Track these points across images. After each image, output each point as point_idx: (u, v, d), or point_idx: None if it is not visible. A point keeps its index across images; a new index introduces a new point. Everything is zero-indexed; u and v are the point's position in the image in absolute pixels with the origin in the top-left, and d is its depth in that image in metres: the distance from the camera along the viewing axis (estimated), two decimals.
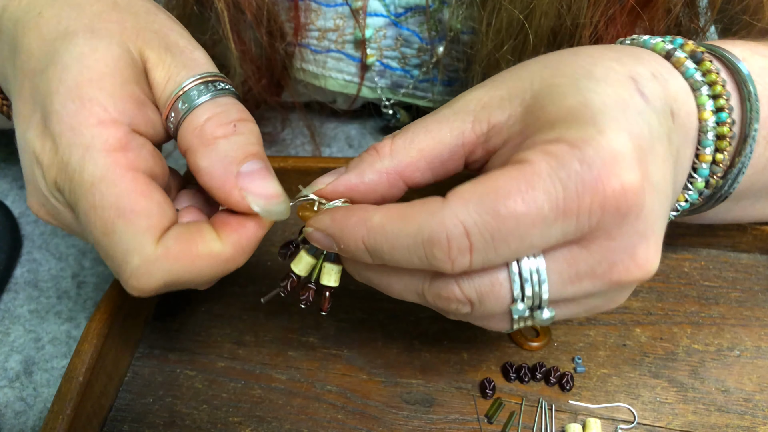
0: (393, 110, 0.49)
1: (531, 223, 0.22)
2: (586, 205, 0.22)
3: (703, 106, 0.27)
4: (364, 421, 0.34)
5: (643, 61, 0.27)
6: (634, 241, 0.23)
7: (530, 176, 0.22)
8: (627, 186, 0.22)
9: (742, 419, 0.34)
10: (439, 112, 0.27)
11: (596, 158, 0.22)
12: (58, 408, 0.31)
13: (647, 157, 0.23)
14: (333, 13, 0.44)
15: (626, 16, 0.36)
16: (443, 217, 0.23)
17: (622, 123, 0.23)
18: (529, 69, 0.27)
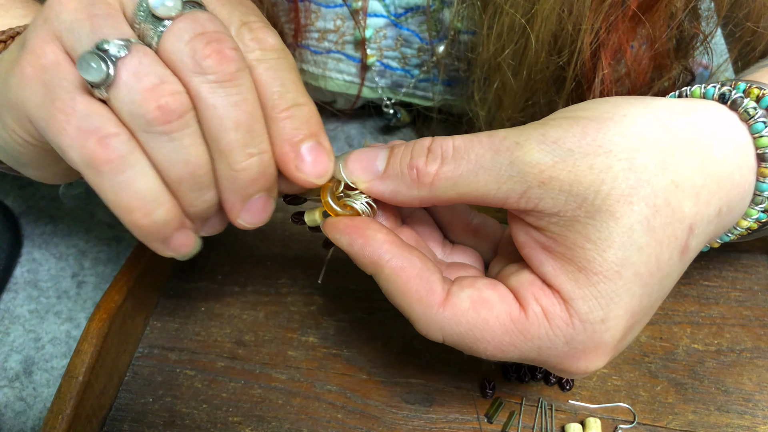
0: (394, 110, 0.49)
1: (497, 359, 0.26)
2: (548, 365, 0.26)
3: (748, 218, 0.27)
4: (364, 420, 0.34)
5: (724, 189, 0.25)
6: (572, 372, 0.26)
7: (518, 334, 0.25)
8: (590, 368, 0.25)
9: (742, 419, 0.34)
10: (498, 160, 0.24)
11: (580, 345, 0.24)
12: (58, 408, 0.31)
13: (634, 329, 0.26)
14: (332, 14, 0.44)
15: (628, 22, 0.36)
16: (432, 323, 0.26)
17: (634, 303, 0.24)
18: (609, 161, 0.23)
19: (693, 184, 0.24)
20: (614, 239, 0.23)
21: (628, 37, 0.36)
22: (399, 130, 0.53)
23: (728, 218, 0.27)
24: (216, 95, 0.24)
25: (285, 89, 0.26)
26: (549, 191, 0.24)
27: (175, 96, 0.24)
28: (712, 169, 0.25)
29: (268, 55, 0.26)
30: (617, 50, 0.37)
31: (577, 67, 0.37)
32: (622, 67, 0.38)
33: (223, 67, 0.24)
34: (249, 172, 0.25)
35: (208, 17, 0.25)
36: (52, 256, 0.46)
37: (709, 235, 0.26)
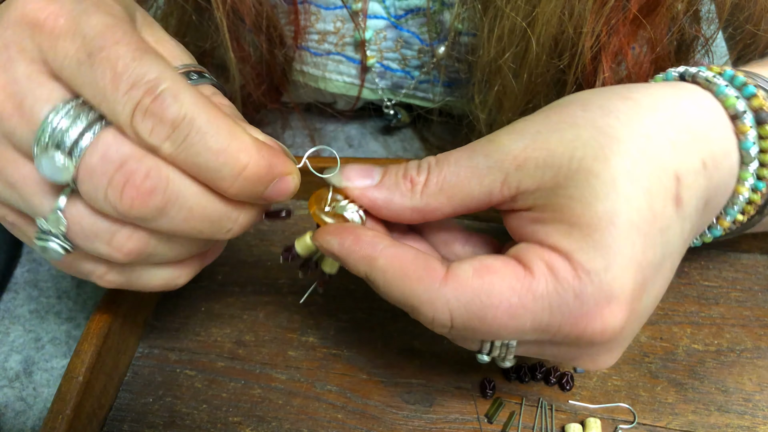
0: (394, 110, 0.50)
1: (509, 332, 0.25)
2: (564, 331, 0.24)
3: (744, 180, 0.27)
4: (364, 420, 0.34)
5: (701, 141, 0.25)
6: (600, 352, 0.26)
7: (525, 293, 0.24)
8: (608, 329, 0.24)
9: (742, 419, 0.34)
10: (474, 158, 0.26)
11: (591, 297, 0.23)
12: (58, 408, 0.31)
13: (645, 288, 0.24)
14: (332, 15, 0.44)
15: (629, 25, 0.36)
16: (436, 299, 0.25)
17: (636, 254, 0.23)
18: (578, 132, 0.25)
19: (665, 136, 0.25)
20: (598, 193, 0.23)
21: (629, 40, 0.36)
22: (399, 131, 0.53)
23: (719, 175, 0.26)
24: (162, 226, 0.25)
25: (216, 171, 0.24)
26: (526, 171, 0.25)
27: (131, 240, 0.25)
28: (680, 121, 0.25)
29: (175, 142, 0.23)
30: (618, 53, 0.37)
31: (578, 71, 0.37)
32: (622, 69, 0.38)
33: (150, 205, 0.24)
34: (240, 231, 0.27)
35: (101, 156, 0.23)
36: None
37: (702, 188, 0.25)
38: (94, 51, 0.23)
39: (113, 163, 0.23)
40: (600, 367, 0.27)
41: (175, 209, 0.24)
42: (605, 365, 0.27)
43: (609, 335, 0.24)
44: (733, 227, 0.29)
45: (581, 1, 0.34)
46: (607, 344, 0.25)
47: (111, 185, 0.23)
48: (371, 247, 0.26)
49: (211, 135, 0.23)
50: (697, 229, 0.27)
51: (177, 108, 0.23)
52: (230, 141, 0.24)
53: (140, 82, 0.23)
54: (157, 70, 0.23)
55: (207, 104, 0.24)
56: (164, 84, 0.23)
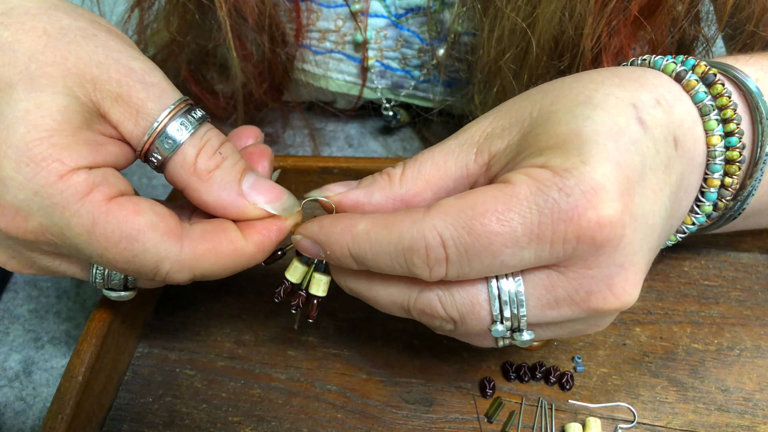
0: (393, 111, 0.49)
1: (503, 243, 0.23)
2: (560, 233, 0.23)
3: (711, 131, 0.27)
4: (363, 420, 0.34)
5: (648, 85, 0.27)
6: (612, 272, 0.24)
7: (509, 198, 0.23)
8: (604, 219, 0.23)
9: (742, 418, 0.34)
10: (446, 143, 0.28)
11: (575, 188, 0.23)
12: (58, 407, 0.31)
13: (633, 188, 0.24)
14: (333, 14, 0.44)
15: (630, 26, 0.36)
16: (423, 227, 0.24)
17: (610, 153, 0.24)
18: (532, 97, 0.27)
19: (611, 80, 0.27)
20: (560, 120, 0.25)
21: (629, 41, 0.36)
22: (399, 131, 0.53)
23: (678, 114, 0.27)
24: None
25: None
26: (494, 137, 0.27)
27: None
28: (623, 73, 0.27)
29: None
30: (619, 54, 0.37)
31: (579, 71, 0.37)
32: None
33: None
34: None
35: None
36: None
37: (664, 120, 0.26)
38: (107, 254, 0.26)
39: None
40: (620, 296, 0.24)
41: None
42: (625, 293, 0.24)
43: (607, 228, 0.23)
44: (726, 193, 0.28)
45: (582, 2, 0.34)
46: (612, 251, 0.24)
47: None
48: (349, 218, 0.26)
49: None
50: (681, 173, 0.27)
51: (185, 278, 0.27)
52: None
53: (135, 265, 0.27)
54: (156, 253, 0.26)
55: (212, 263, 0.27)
56: (164, 268, 0.27)
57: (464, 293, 0.26)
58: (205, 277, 0.28)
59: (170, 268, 0.26)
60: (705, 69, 0.28)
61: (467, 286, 0.26)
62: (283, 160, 0.42)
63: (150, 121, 0.26)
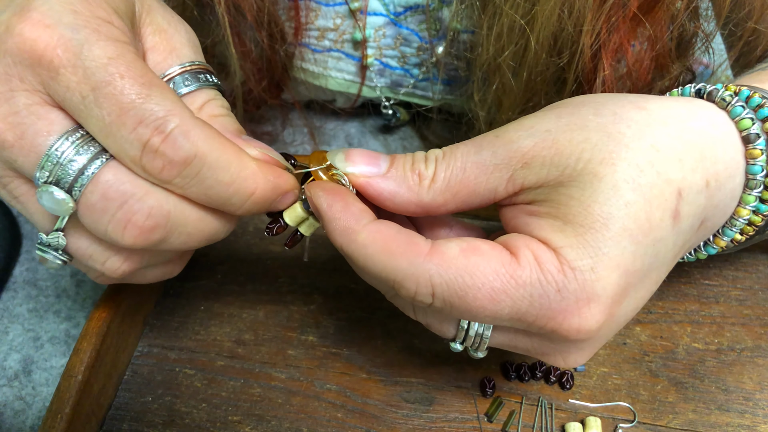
0: (393, 110, 0.49)
1: (486, 315, 0.24)
2: (540, 324, 0.24)
3: (746, 204, 0.27)
4: (363, 419, 0.34)
5: (708, 160, 0.25)
6: (571, 350, 0.26)
7: (508, 278, 0.24)
8: (584, 327, 0.24)
9: (743, 418, 0.34)
10: (482, 154, 0.26)
11: (573, 295, 0.23)
12: (57, 407, 0.31)
13: (628, 293, 0.25)
14: (332, 12, 0.44)
15: (629, 23, 0.36)
16: (419, 272, 0.24)
17: (626, 258, 0.23)
18: (587, 135, 0.25)
19: (674, 150, 0.25)
20: (598, 195, 0.23)
21: (629, 37, 0.36)
22: (399, 130, 0.53)
23: (720, 196, 0.26)
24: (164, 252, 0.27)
25: (226, 198, 0.25)
26: (532, 169, 0.25)
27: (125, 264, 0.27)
28: (690, 138, 0.25)
29: (186, 178, 0.24)
30: (618, 51, 0.37)
31: (578, 68, 0.37)
32: (622, 67, 0.38)
33: (152, 239, 0.25)
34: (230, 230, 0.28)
35: (102, 195, 0.23)
36: None
37: (701, 207, 0.25)
38: (99, 86, 0.22)
39: (114, 201, 0.24)
40: (569, 365, 0.27)
41: (175, 236, 0.25)
42: (574, 364, 0.27)
43: (584, 334, 0.24)
44: (730, 245, 0.29)
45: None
46: (580, 343, 0.25)
47: (112, 222, 0.24)
48: (355, 220, 0.25)
49: (221, 169, 0.24)
50: (690, 245, 0.27)
51: (188, 147, 0.23)
52: (239, 171, 0.25)
53: (148, 120, 0.23)
54: (165, 107, 0.23)
55: (215, 137, 0.24)
56: (173, 122, 0.23)
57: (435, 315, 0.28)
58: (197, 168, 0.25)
59: (179, 124, 0.24)
60: None
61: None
62: None
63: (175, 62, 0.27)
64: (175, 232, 0.25)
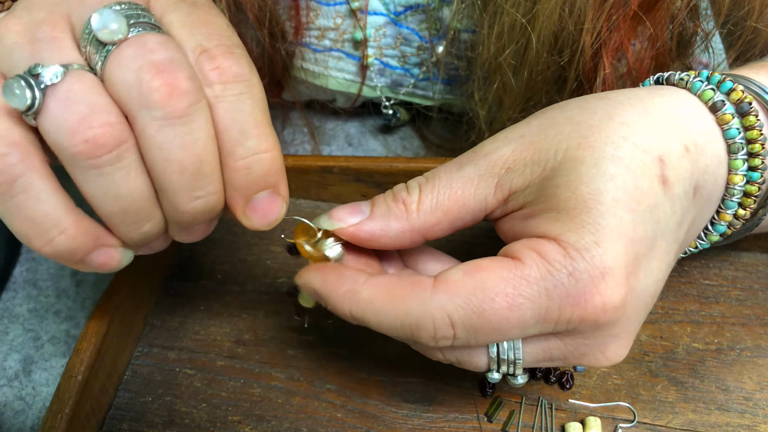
0: (393, 110, 0.49)
1: (512, 326, 0.24)
2: (566, 315, 0.24)
3: (735, 170, 0.27)
4: (363, 419, 0.34)
5: (680, 128, 0.26)
6: (606, 341, 0.25)
7: (519, 280, 0.24)
8: (608, 304, 0.23)
9: (743, 418, 0.34)
10: (464, 169, 0.27)
11: (585, 273, 0.23)
12: (57, 407, 0.31)
13: (640, 263, 0.24)
14: (333, 12, 0.44)
15: (630, 21, 0.36)
16: (431, 307, 0.24)
17: (626, 228, 0.23)
18: (558, 129, 0.26)
19: (644, 124, 0.25)
20: (583, 176, 0.24)
21: (629, 36, 0.36)
22: (399, 130, 0.53)
23: (704, 160, 0.26)
24: (162, 134, 0.22)
25: (245, 135, 0.24)
26: (516, 171, 0.26)
27: (105, 128, 0.22)
28: (657, 112, 0.26)
29: (229, 90, 0.24)
30: (619, 49, 0.37)
31: (579, 67, 0.37)
32: (623, 66, 0.38)
33: (174, 101, 0.22)
34: (192, 213, 0.25)
35: (160, 41, 0.23)
36: None
37: (688, 172, 0.25)
38: (199, 3, 0.25)
39: (168, 51, 0.23)
40: (611, 359, 0.26)
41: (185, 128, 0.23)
42: (616, 356, 0.26)
43: (610, 312, 0.24)
44: (736, 223, 0.29)
45: None
46: (611, 327, 0.24)
47: (153, 62, 0.22)
48: (353, 281, 0.26)
49: (260, 107, 0.25)
50: (694, 217, 0.27)
51: (248, 69, 0.24)
52: (268, 126, 0.25)
53: (226, 38, 0.25)
54: (240, 42, 0.25)
55: (264, 90, 0.25)
56: (244, 51, 0.25)
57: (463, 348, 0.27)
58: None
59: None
60: (741, 96, 0.27)
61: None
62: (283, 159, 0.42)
63: None
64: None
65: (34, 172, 0.23)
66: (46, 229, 0.24)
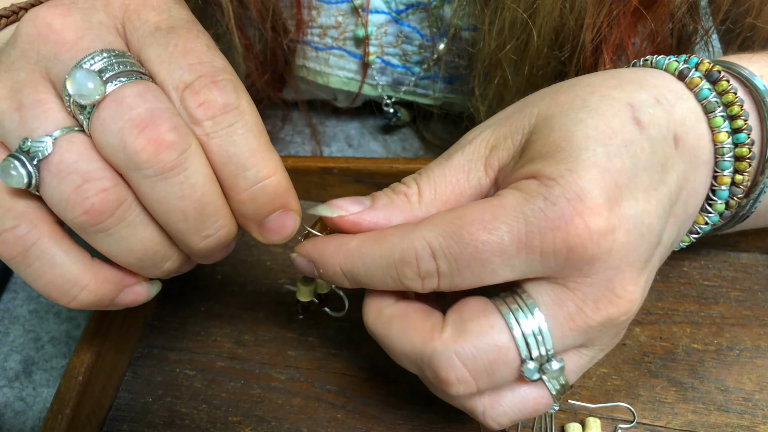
0: (394, 109, 0.49)
1: (492, 252, 0.23)
2: (549, 242, 0.23)
3: (718, 128, 0.27)
4: (363, 420, 0.34)
5: (648, 85, 0.27)
6: (609, 276, 0.24)
7: (495, 208, 0.24)
8: (592, 226, 0.23)
9: (742, 418, 0.34)
10: (454, 158, 0.27)
11: (561, 196, 0.23)
12: (58, 408, 0.31)
13: (621, 192, 0.24)
14: (334, 9, 0.44)
15: (630, 17, 0.36)
16: (413, 238, 0.24)
17: (599, 158, 0.23)
18: (529, 102, 0.27)
19: (609, 83, 0.26)
20: (554, 124, 0.25)
21: (630, 32, 0.36)
22: (399, 131, 0.53)
23: (679, 111, 0.26)
24: (158, 190, 0.23)
25: (243, 167, 0.24)
26: (499, 147, 0.27)
27: (102, 195, 0.23)
28: (622, 75, 0.27)
29: (219, 124, 0.23)
30: (619, 46, 0.37)
31: (579, 63, 0.37)
32: (623, 62, 0.38)
33: (162, 157, 0.22)
34: (207, 249, 0.25)
35: (138, 92, 0.23)
36: None
37: (663, 119, 0.26)
38: (176, 27, 0.24)
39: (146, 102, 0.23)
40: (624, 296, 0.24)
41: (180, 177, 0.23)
42: (627, 293, 0.24)
43: (597, 236, 0.23)
44: (737, 191, 0.28)
45: None
46: (607, 257, 0.23)
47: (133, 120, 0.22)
48: (341, 237, 0.27)
49: (253, 133, 0.24)
50: (683, 173, 0.26)
51: (234, 97, 0.24)
52: (266, 149, 0.24)
53: (208, 63, 0.24)
54: (224, 64, 0.24)
55: (257, 111, 0.25)
56: (228, 75, 0.24)
57: (486, 342, 0.24)
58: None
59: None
60: (708, 66, 0.27)
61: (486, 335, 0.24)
62: (283, 160, 0.42)
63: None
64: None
65: (44, 238, 0.24)
66: (67, 289, 0.25)
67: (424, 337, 0.25)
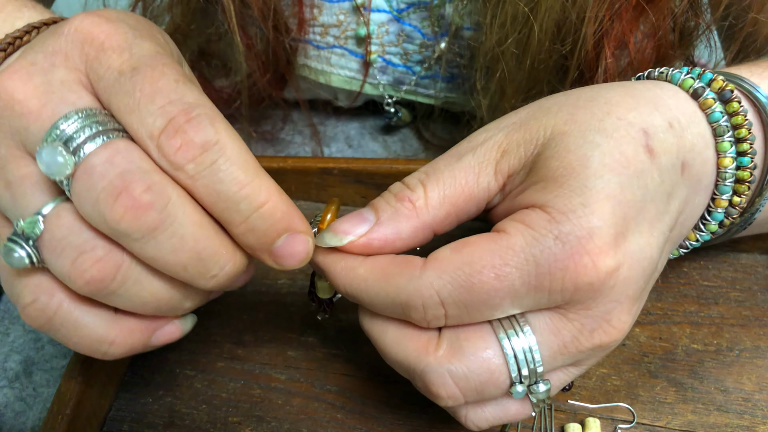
0: (395, 108, 0.49)
1: (502, 297, 0.24)
2: (558, 281, 0.23)
3: (724, 152, 0.27)
4: (363, 420, 0.34)
5: (663, 107, 0.26)
6: (609, 308, 0.24)
7: (505, 250, 0.23)
8: (600, 266, 0.23)
9: (742, 419, 0.34)
10: (464, 159, 0.27)
11: (571, 235, 0.23)
12: (58, 408, 0.31)
13: (629, 226, 0.24)
14: (336, 8, 0.44)
15: (632, 11, 0.36)
16: (420, 285, 0.24)
17: (612, 189, 0.24)
18: (546, 111, 0.27)
19: (626, 102, 0.26)
20: (569, 145, 0.25)
21: (631, 26, 0.36)
22: (399, 131, 0.53)
23: (689, 137, 0.26)
24: (148, 249, 0.23)
25: (234, 201, 0.23)
26: (511, 153, 0.26)
27: (98, 265, 0.23)
28: (638, 93, 0.27)
29: (201, 165, 0.23)
30: (620, 40, 0.37)
31: (581, 57, 0.37)
32: (625, 56, 0.38)
33: (143, 220, 0.22)
34: (218, 287, 0.26)
35: (107, 158, 0.22)
36: None
37: (674, 146, 0.26)
38: (140, 67, 0.23)
39: (115, 167, 0.22)
40: (618, 327, 0.25)
41: (167, 233, 0.23)
42: (621, 323, 0.25)
43: (604, 274, 0.23)
44: (733, 212, 0.28)
45: None
46: (610, 291, 0.24)
47: (106, 189, 0.22)
48: (352, 258, 0.26)
49: (238, 165, 0.23)
50: (685, 197, 0.27)
51: (212, 132, 0.23)
52: (255, 176, 0.23)
53: (178, 101, 0.23)
54: (195, 97, 0.23)
55: (238, 138, 0.24)
56: (201, 109, 0.23)
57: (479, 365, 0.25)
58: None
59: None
60: (722, 84, 0.27)
61: (480, 357, 0.25)
62: (283, 161, 0.42)
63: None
64: (169, 226, 0.23)
65: (64, 303, 0.25)
66: (96, 347, 0.26)
67: (419, 350, 0.25)
